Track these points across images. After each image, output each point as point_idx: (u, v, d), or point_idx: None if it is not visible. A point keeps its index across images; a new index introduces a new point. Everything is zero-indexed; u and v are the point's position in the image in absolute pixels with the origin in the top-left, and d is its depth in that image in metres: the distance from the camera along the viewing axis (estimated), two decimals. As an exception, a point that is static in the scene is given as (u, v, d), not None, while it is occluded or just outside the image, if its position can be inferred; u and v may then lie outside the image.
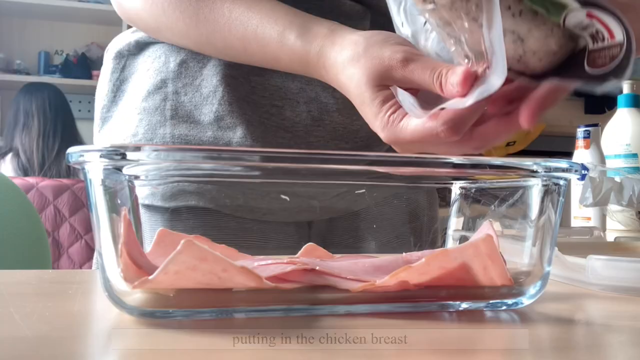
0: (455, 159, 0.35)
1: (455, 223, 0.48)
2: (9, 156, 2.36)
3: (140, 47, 0.70)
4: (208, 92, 0.65)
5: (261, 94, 0.66)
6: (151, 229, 0.60)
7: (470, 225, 0.46)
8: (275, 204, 0.63)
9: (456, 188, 0.47)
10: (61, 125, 2.39)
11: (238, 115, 0.65)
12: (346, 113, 0.66)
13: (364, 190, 0.61)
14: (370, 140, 0.68)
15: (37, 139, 2.34)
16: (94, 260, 0.75)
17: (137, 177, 0.37)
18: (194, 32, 0.61)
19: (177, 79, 0.67)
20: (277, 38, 0.54)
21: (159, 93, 0.67)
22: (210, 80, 0.65)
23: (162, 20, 0.63)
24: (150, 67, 0.69)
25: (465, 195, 0.46)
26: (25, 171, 2.30)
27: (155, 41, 0.69)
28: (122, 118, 0.69)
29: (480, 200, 0.45)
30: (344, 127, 0.67)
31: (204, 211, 0.63)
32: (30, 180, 2.09)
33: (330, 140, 0.67)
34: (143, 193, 0.60)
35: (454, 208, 0.47)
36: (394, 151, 0.48)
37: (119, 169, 0.34)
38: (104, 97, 0.72)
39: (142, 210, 0.63)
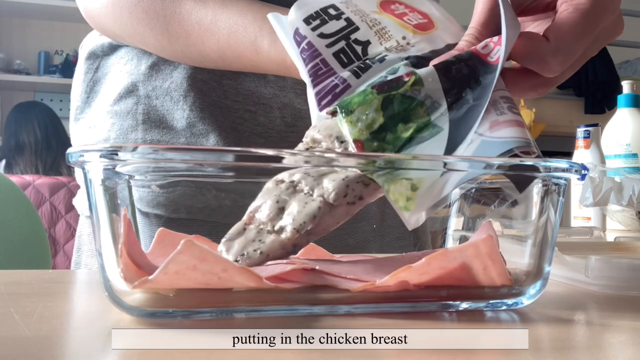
0: (456, 159, 0.35)
1: (455, 223, 0.47)
2: (2, 164, 2.40)
3: (113, 48, 0.69)
4: (179, 97, 0.64)
5: (234, 99, 0.65)
6: (140, 232, 0.59)
7: (470, 225, 0.46)
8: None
9: (456, 188, 0.47)
10: (55, 141, 2.43)
11: (210, 122, 0.64)
12: None
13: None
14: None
15: (30, 158, 2.39)
16: (72, 263, 0.74)
17: (133, 177, 0.37)
18: (168, 48, 0.61)
19: (148, 82, 0.66)
20: (250, 47, 0.53)
21: (130, 96, 0.66)
22: (181, 84, 0.64)
23: (137, 39, 0.62)
24: (122, 70, 0.67)
25: (465, 195, 0.46)
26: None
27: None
28: (95, 121, 0.68)
29: (480, 200, 0.45)
30: None
31: (188, 221, 0.61)
32: (27, 177, 2.10)
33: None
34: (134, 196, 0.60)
35: (454, 208, 0.47)
36: None
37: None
38: (77, 98, 0.71)
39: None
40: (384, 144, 0.38)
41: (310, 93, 0.42)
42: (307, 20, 0.44)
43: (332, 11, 0.44)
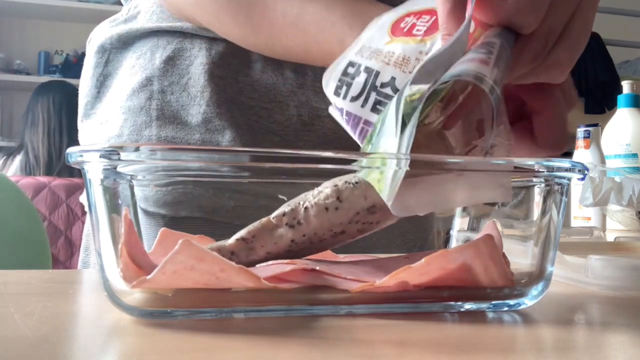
0: (458, 159, 0.35)
1: (459, 223, 0.47)
2: (19, 155, 2.39)
3: (123, 42, 0.68)
4: (195, 92, 0.63)
5: (249, 95, 0.64)
6: (145, 233, 0.59)
7: (475, 225, 0.46)
8: (263, 208, 0.61)
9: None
10: (67, 122, 2.41)
11: (226, 118, 0.63)
12: None
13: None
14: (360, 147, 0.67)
15: (42, 137, 2.37)
16: (80, 262, 0.73)
17: (135, 177, 0.37)
18: (252, 39, 0.59)
19: (163, 76, 0.64)
20: (338, 46, 0.51)
21: (144, 91, 0.64)
22: (197, 79, 0.63)
23: (217, 26, 0.61)
24: (135, 64, 0.66)
25: None
26: (31, 169, 2.32)
27: (139, 36, 0.67)
28: (106, 117, 0.67)
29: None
30: (334, 133, 0.65)
31: (193, 220, 0.61)
32: (42, 179, 2.10)
33: (319, 145, 0.65)
34: (137, 196, 0.59)
35: (459, 208, 0.47)
36: None
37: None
38: (87, 94, 0.69)
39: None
40: (369, 145, 0.39)
41: None
42: (336, 93, 0.44)
43: (350, 69, 0.45)
